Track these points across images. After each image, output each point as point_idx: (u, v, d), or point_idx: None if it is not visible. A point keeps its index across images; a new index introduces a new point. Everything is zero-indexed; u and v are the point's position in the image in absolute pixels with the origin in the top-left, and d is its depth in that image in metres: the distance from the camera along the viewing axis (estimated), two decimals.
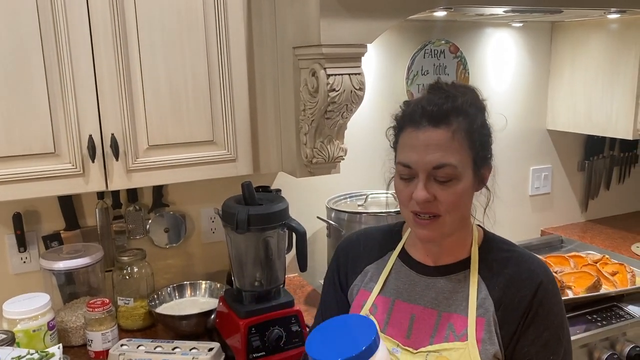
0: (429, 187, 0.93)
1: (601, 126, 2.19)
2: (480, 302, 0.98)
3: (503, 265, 1.00)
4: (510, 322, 0.96)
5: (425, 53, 2.07)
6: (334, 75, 1.35)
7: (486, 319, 0.96)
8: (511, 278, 0.98)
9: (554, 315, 0.97)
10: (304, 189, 1.98)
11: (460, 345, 0.95)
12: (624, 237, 2.39)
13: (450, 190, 0.93)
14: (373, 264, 1.11)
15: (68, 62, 1.33)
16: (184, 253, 1.87)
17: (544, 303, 0.96)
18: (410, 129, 0.96)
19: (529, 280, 0.97)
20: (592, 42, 2.18)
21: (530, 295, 0.96)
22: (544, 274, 0.99)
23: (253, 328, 1.36)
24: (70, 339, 1.56)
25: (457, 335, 0.97)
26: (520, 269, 0.99)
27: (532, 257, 1.03)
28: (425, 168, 0.93)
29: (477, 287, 0.99)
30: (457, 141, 0.93)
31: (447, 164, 0.92)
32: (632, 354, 1.67)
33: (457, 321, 0.98)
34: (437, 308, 1.01)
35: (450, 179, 0.93)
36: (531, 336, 0.95)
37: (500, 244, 1.06)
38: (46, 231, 1.69)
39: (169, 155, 1.47)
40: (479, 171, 0.98)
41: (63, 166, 1.37)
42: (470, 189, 0.97)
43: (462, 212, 0.98)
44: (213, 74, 1.48)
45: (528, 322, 0.96)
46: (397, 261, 1.09)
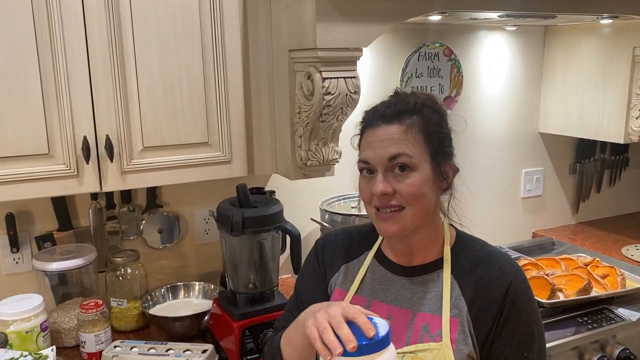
0: (387, 181, 0.97)
1: (593, 130, 2.21)
2: (454, 303, 0.99)
3: (475, 265, 1.02)
4: (483, 323, 0.97)
5: (420, 56, 2.08)
6: (330, 78, 1.36)
7: (460, 320, 0.98)
8: (482, 278, 0.99)
9: (527, 314, 0.98)
10: (298, 190, 1.99)
11: (434, 346, 0.97)
12: (615, 239, 2.41)
13: (407, 181, 0.96)
14: (349, 263, 1.13)
15: (63, 62, 1.32)
16: (178, 254, 1.87)
17: (516, 303, 0.97)
18: (368, 131, 1.02)
19: (500, 280, 0.98)
20: (585, 47, 2.20)
21: (502, 296, 0.97)
22: (515, 274, 1.00)
23: (247, 330, 1.37)
24: (63, 340, 1.56)
25: (431, 335, 0.98)
26: (492, 269, 1.00)
27: (503, 257, 1.03)
28: (381, 161, 0.97)
29: (450, 287, 1.00)
30: (410, 135, 0.98)
31: (401, 153, 0.96)
32: (622, 356, 1.68)
33: (432, 321, 1.00)
34: (411, 308, 1.02)
35: (406, 169, 0.96)
36: (506, 336, 0.97)
37: (473, 243, 1.07)
38: (39, 232, 1.68)
39: (163, 156, 1.47)
40: (439, 167, 1.00)
41: (57, 167, 1.37)
42: (430, 182, 0.99)
43: (423, 205, 0.99)
44: (208, 76, 1.48)
45: (502, 322, 0.97)
46: (373, 261, 1.11)
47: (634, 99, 2.05)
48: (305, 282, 1.19)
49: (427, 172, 0.98)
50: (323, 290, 1.15)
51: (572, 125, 2.30)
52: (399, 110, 0.99)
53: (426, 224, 1.02)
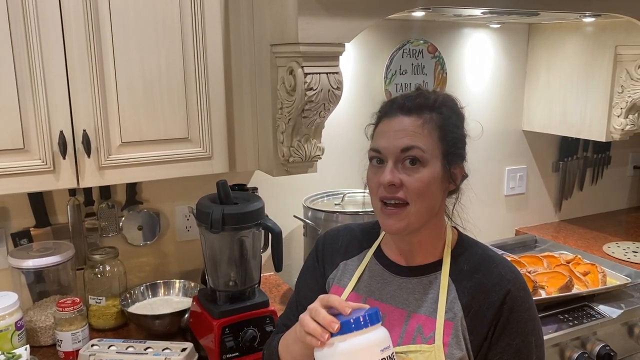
0: (396, 172, 0.96)
1: (576, 128, 2.22)
2: (450, 306, 0.98)
3: (474, 270, 1.00)
4: (479, 328, 0.96)
5: (404, 52, 2.07)
6: (312, 74, 1.34)
7: (454, 323, 0.96)
8: (480, 283, 0.98)
9: (525, 322, 0.96)
10: (281, 187, 1.97)
11: (426, 348, 0.95)
12: (596, 237, 2.43)
13: (416, 175, 0.95)
14: (349, 260, 1.12)
15: (38, 54, 1.29)
16: (158, 251, 1.84)
17: (514, 310, 0.95)
18: (384, 120, 1.01)
19: (498, 286, 0.96)
20: (568, 45, 2.21)
21: (499, 302, 0.95)
22: (514, 281, 0.98)
23: (227, 328, 1.35)
24: (40, 339, 1.53)
25: (424, 337, 0.97)
26: (491, 275, 0.98)
27: (504, 262, 1.02)
28: (393, 152, 0.96)
29: (447, 290, 0.99)
30: (427, 129, 0.97)
31: (414, 145, 0.95)
32: (602, 353, 1.69)
33: (426, 323, 0.98)
34: (406, 308, 1.01)
35: (417, 163, 0.95)
36: (503, 344, 0.95)
37: (474, 247, 1.05)
38: (15, 228, 1.65)
39: (142, 152, 1.44)
40: (449, 167, 0.99)
41: (33, 162, 1.33)
42: (438, 180, 0.97)
43: (429, 203, 0.97)
44: (189, 70, 1.45)
45: (499, 329, 0.95)
46: (372, 259, 1.09)
47: (616, 97, 2.06)
48: (304, 278, 1.19)
49: (436, 170, 0.97)
50: (321, 287, 1.14)
51: (555, 123, 2.31)
52: (419, 104, 0.98)
53: (429, 224, 1.01)
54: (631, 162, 2.84)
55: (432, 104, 0.99)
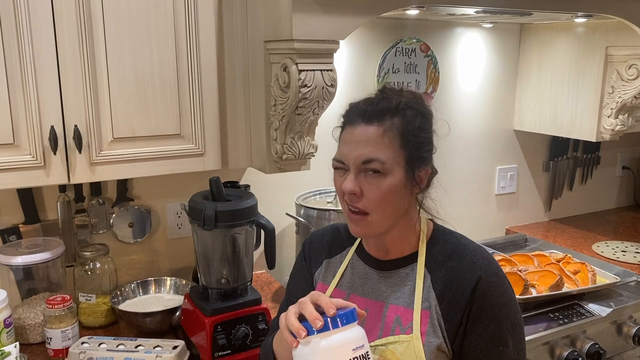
0: (356, 181, 0.97)
1: (566, 128, 2.24)
2: (425, 295, 0.99)
3: (447, 258, 1.01)
4: (453, 316, 0.97)
5: (397, 51, 2.07)
6: (306, 70, 1.34)
7: (430, 312, 0.98)
8: (453, 271, 0.99)
9: (499, 307, 0.97)
10: (273, 185, 1.97)
11: (405, 338, 0.97)
12: (586, 236, 2.45)
13: (375, 184, 0.96)
14: (332, 258, 1.15)
15: (29, 48, 1.27)
16: (149, 249, 1.83)
17: (487, 297, 0.96)
18: (347, 128, 1.02)
19: (470, 273, 0.97)
20: (559, 45, 2.22)
21: (471, 289, 0.96)
22: (485, 267, 0.98)
23: (219, 326, 1.34)
24: (29, 336, 1.51)
25: (402, 328, 0.98)
26: (462, 262, 0.99)
27: (476, 250, 1.02)
28: (355, 162, 0.97)
29: (423, 280, 1.00)
30: (387, 138, 0.97)
31: (374, 158, 0.96)
32: (592, 351, 1.71)
33: (404, 314, 1.00)
34: (385, 301, 1.03)
35: (377, 173, 0.96)
36: (478, 330, 0.96)
37: (448, 237, 1.06)
38: (4, 224, 1.62)
39: (134, 148, 1.43)
40: (412, 171, 0.99)
41: (23, 157, 1.32)
42: (400, 187, 0.98)
43: (391, 210, 0.99)
44: (181, 65, 1.44)
45: (473, 316, 0.96)
46: (354, 256, 1.12)
47: (606, 97, 2.08)
48: (294, 279, 1.21)
49: (398, 178, 0.97)
50: (310, 285, 1.17)
51: (546, 123, 2.32)
52: (380, 110, 0.98)
53: (398, 224, 1.02)
54: (620, 162, 2.87)
55: (395, 108, 0.98)
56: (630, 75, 1.98)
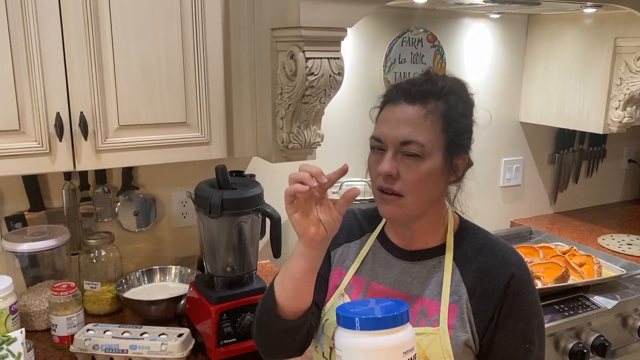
0: (394, 162, 0.94)
1: (573, 120, 2.22)
2: (454, 289, 0.98)
3: (477, 253, 1.00)
4: (484, 311, 0.96)
5: (404, 41, 2.06)
6: (313, 58, 1.33)
7: (459, 306, 0.96)
8: (484, 266, 0.98)
9: (529, 305, 0.97)
10: (278, 175, 1.96)
11: (431, 331, 0.95)
12: (591, 229, 2.44)
13: (413, 167, 0.94)
14: (351, 243, 1.11)
15: (35, 35, 1.27)
16: (154, 237, 1.83)
17: (519, 293, 0.95)
18: (388, 106, 0.99)
19: (503, 269, 0.96)
20: (567, 36, 2.20)
21: (504, 285, 0.95)
22: (517, 264, 0.98)
23: (224, 314, 1.34)
24: (34, 323, 1.51)
25: (429, 320, 0.97)
26: (494, 258, 0.98)
27: (506, 246, 1.02)
28: (393, 142, 0.94)
29: (451, 274, 0.99)
30: (429, 120, 0.94)
31: (413, 140, 0.93)
32: (597, 343, 1.70)
33: (430, 306, 0.98)
34: (410, 292, 1.01)
35: (416, 156, 0.94)
36: (509, 327, 0.95)
37: (476, 231, 1.05)
38: (9, 212, 1.62)
39: (140, 136, 1.42)
40: (450, 158, 0.97)
41: (29, 144, 1.31)
42: (437, 172, 0.96)
43: (426, 195, 0.97)
44: (187, 53, 1.43)
45: (505, 312, 0.95)
46: (375, 243, 1.09)
47: (614, 89, 2.06)
48: None
49: (436, 163, 0.95)
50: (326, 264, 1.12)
51: (553, 115, 2.31)
52: (424, 91, 0.95)
53: (429, 212, 1.00)
54: (626, 155, 2.86)
55: (439, 91, 0.96)
56: (639, 67, 1.96)
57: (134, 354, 1.35)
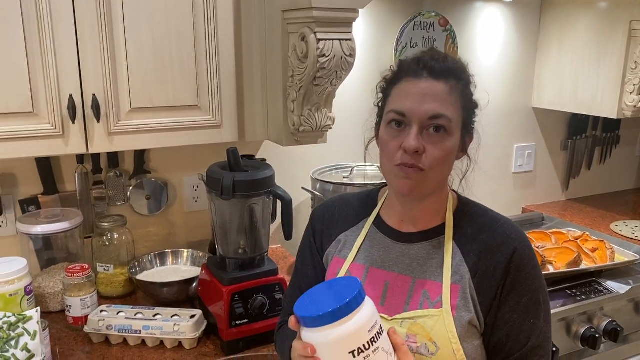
0: (420, 139, 0.92)
1: (586, 105, 2.20)
2: (455, 269, 0.97)
3: (478, 231, 0.99)
4: (487, 289, 0.95)
5: (415, 25, 2.04)
6: (325, 40, 1.32)
7: (461, 286, 0.95)
8: (486, 244, 0.97)
9: (532, 280, 0.95)
10: (289, 160, 1.96)
11: (434, 312, 0.94)
12: (604, 216, 2.42)
13: (440, 145, 0.92)
14: (348, 231, 1.09)
15: (48, 17, 1.27)
16: (166, 221, 1.84)
17: (521, 269, 0.94)
18: (408, 79, 0.95)
19: (504, 246, 0.95)
20: (581, 21, 2.17)
21: (506, 261, 0.94)
22: (519, 239, 0.97)
23: (237, 295, 1.35)
24: (48, 304, 1.53)
25: (431, 302, 0.96)
26: (495, 235, 0.97)
27: (507, 222, 1.01)
28: (420, 117, 0.92)
29: (452, 254, 0.98)
30: (454, 97, 0.93)
31: (443, 114, 0.91)
32: (609, 328, 1.70)
33: (432, 288, 0.97)
34: (411, 275, 1.00)
35: (443, 132, 0.92)
36: (512, 302, 0.95)
37: (475, 209, 1.04)
38: (23, 195, 1.64)
39: (152, 119, 1.43)
40: (464, 136, 0.98)
41: (42, 126, 1.32)
42: (456, 149, 0.96)
43: (446, 171, 0.97)
44: (199, 36, 1.43)
45: (507, 288, 0.94)
46: (371, 228, 1.07)
47: (629, 73, 2.03)
48: (302, 256, 1.16)
49: (457, 140, 0.95)
50: (318, 262, 1.12)
51: (566, 100, 2.28)
52: (447, 68, 0.94)
53: (438, 191, 1.00)
54: None
55: (457, 70, 0.96)
56: None
57: (147, 335, 1.37)
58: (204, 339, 1.41)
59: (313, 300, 0.82)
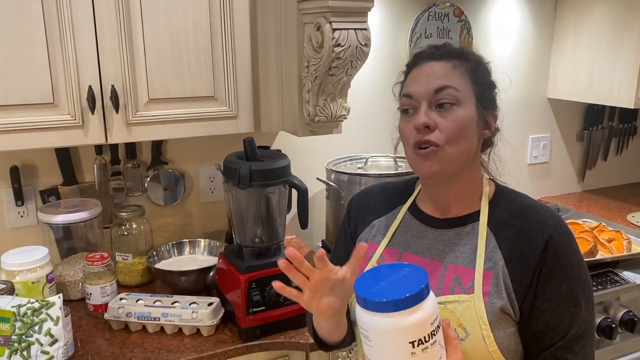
0: (429, 115, 0.94)
1: (603, 95, 2.18)
2: (489, 255, 0.96)
3: (513, 218, 0.97)
4: (522, 276, 0.93)
5: (430, 15, 2.04)
6: (340, 29, 1.33)
7: (494, 272, 0.94)
8: (521, 230, 0.95)
9: (571, 267, 0.93)
10: (304, 151, 1.97)
11: (465, 298, 0.94)
12: (620, 207, 2.40)
13: (450, 116, 0.93)
14: (382, 217, 1.10)
15: (67, 10, 1.29)
16: (183, 212, 1.86)
17: (559, 255, 0.92)
18: (413, 70, 1.00)
19: (540, 232, 0.94)
20: (597, 10, 2.15)
21: (541, 248, 0.92)
22: (556, 225, 0.95)
23: (253, 283, 1.36)
24: (69, 293, 1.56)
25: (463, 287, 0.95)
26: (531, 221, 0.96)
27: (544, 208, 0.99)
28: (426, 94, 0.94)
29: (486, 240, 0.97)
30: (458, 71, 0.96)
31: (447, 85, 0.94)
32: (626, 318, 1.69)
33: (464, 274, 0.96)
34: (443, 260, 1.00)
35: (451, 103, 0.94)
36: (550, 290, 0.93)
37: (512, 196, 1.03)
38: (44, 186, 1.67)
39: (169, 109, 1.45)
40: (482, 111, 0.97)
41: (62, 117, 1.35)
42: (473, 122, 0.95)
43: (464, 146, 0.95)
44: (215, 27, 1.45)
45: (544, 276, 0.92)
46: (406, 214, 1.08)
47: None
48: (338, 237, 1.19)
49: (471, 112, 0.95)
50: (351, 246, 1.13)
51: (582, 90, 2.27)
52: (447, 51, 0.98)
53: (464, 173, 0.99)
54: None
55: (460, 52, 0.99)
56: None
57: (166, 322, 1.39)
58: (221, 326, 1.43)
59: (377, 282, 0.79)
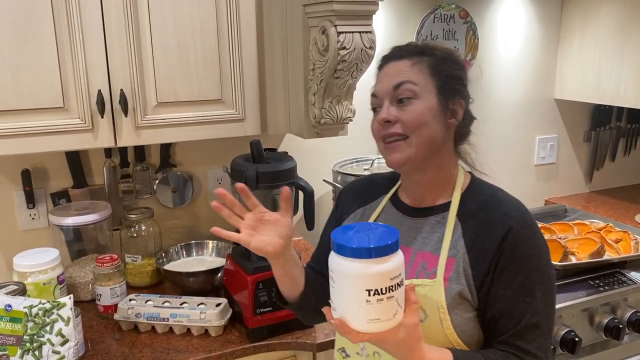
0: (391, 109, 1.00)
1: (610, 95, 2.18)
2: (454, 243, 1.00)
3: (480, 209, 1.02)
4: (481, 264, 0.97)
5: (435, 17, 2.05)
6: (345, 32, 1.34)
7: (456, 259, 0.99)
8: (484, 221, 0.99)
9: (529, 259, 0.97)
10: (310, 153, 1.99)
11: (428, 282, 0.99)
12: (628, 207, 2.40)
13: (409, 109, 0.99)
14: (367, 206, 1.16)
15: (77, 15, 1.32)
16: (191, 214, 1.88)
17: (517, 247, 0.96)
18: (378, 73, 1.06)
19: (501, 223, 0.98)
20: (604, 10, 2.15)
21: (500, 239, 0.96)
22: (517, 218, 0.98)
23: (261, 284, 1.38)
24: (79, 294, 1.58)
25: (427, 272, 1.00)
26: (494, 213, 1.00)
27: (511, 202, 1.02)
28: (387, 92, 1.01)
29: (453, 229, 1.01)
30: (417, 68, 1.01)
31: (405, 81, 0.99)
32: (633, 319, 1.69)
33: (430, 260, 1.01)
34: (414, 246, 1.05)
35: (409, 97, 0.99)
36: (505, 279, 0.96)
37: (484, 189, 1.07)
38: (54, 188, 1.70)
39: (177, 113, 1.47)
40: (446, 101, 1.01)
41: (72, 121, 1.37)
42: (434, 112, 0.99)
43: (427, 135, 0.99)
44: (222, 31, 1.47)
45: (501, 265, 0.96)
46: (387, 204, 1.14)
47: None
48: (326, 225, 1.26)
49: (431, 103, 1.00)
50: None
51: (589, 91, 2.26)
52: (408, 50, 1.03)
53: (434, 162, 1.03)
54: None
55: (422, 49, 1.03)
56: None
57: (175, 322, 1.41)
58: (229, 327, 1.45)
59: (353, 232, 0.87)
